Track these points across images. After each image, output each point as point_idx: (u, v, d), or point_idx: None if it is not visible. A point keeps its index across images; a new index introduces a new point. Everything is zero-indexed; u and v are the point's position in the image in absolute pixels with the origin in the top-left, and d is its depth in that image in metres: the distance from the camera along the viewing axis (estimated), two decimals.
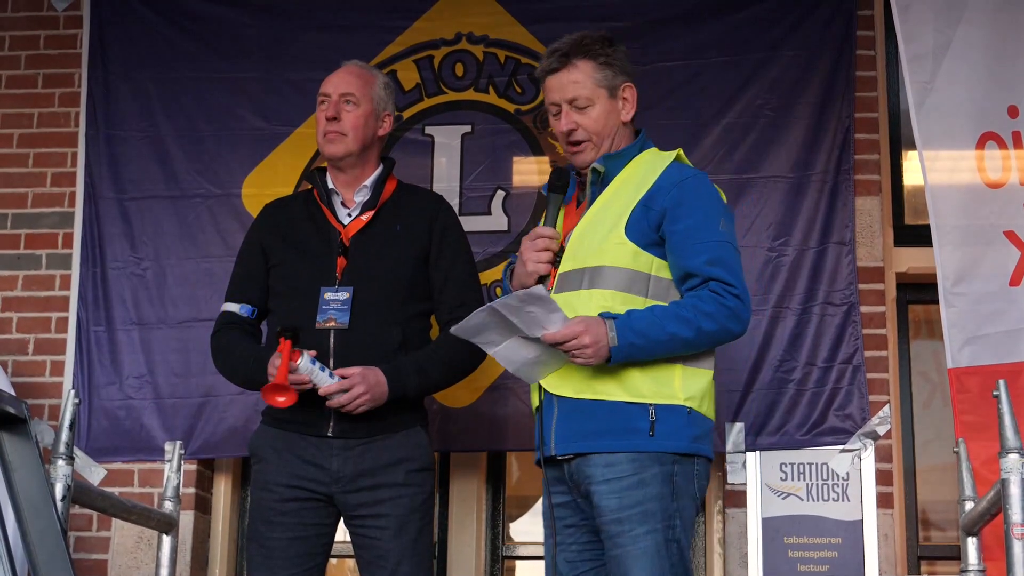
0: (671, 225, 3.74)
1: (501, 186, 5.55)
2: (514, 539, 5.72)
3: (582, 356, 3.64)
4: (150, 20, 5.82)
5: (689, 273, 3.72)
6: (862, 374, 5.20)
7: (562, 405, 3.76)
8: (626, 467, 3.65)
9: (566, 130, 3.88)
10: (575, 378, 3.73)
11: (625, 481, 3.64)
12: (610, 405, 3.70)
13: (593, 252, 3.76)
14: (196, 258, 5.57)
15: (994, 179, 5.03)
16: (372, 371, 4.18)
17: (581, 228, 3.83)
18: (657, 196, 3.78)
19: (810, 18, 5.48)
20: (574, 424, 3.72)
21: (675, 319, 3.65)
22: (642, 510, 3.62)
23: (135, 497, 5.18)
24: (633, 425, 3.68)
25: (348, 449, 4.24)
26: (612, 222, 3.78)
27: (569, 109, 3.88)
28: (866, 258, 5.35)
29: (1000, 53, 5.10)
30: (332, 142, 4.45)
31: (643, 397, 3.70)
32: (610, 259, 3.74)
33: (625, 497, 3.63)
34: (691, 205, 3.77)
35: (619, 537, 3.63)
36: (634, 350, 3.64)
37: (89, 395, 5.46)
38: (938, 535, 5.58)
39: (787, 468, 5.21)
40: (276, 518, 4.25)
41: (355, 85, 4.48)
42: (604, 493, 3.65)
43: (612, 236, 3.75)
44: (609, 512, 3.64)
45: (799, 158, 5.38)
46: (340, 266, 4.35)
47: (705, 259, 3.71)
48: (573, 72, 3.88)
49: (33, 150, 5.83)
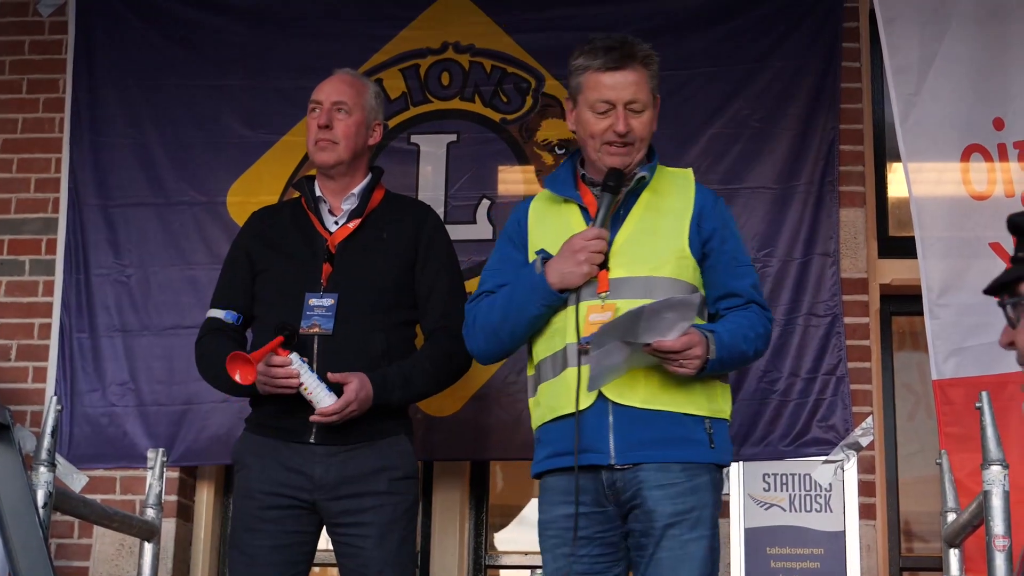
0: (720, 245, 3.84)
1: (486, 195, 5.55)
2: (497, 548, 5.72)
3: (690, 367, 3.64)
4: (136, 26, 5.81)
5: (734, 293, 3.84)
6: (845, 385, 5.20)
7: (620, 414, 3.70)
8: (679, 474, 3.67)
9: (623, 131, 3.82)
10: (639, 387, 3.70)
11: (680, 487, 3.66)
12: (672, 416, 3.70)
13: (651, 262, 3.75)
14: (180, 265, 5.56)
15: (979, 191, 5.04)
16: (364, 386, 4.18)
17: (627, 235, 3.80)
18: (705, 215, 3.85)
19: (796, 30, 5.49)
20: (636, 433, 3.68)
21: (744, 339, 3.76)
22: (695, 516, 3.65)
23: (117, 504, 5.16)
24: (694, 437, 3.71)
25: (331, 456, 4.24)
26: (669, 234, 3.80)
27: (625, 111, 3.83)
28: (850, 269, 5.36)
29: (985, 66, 5.12)
30: (323, 150, 4.44)
31: (701, 410, 3.73)
32: (671, 271, 3.75)
33: (679, 503, 3.65)
34: (731, 229, 3.92)
35: (667, 540, 3.63)
36: (719, 364, 3.71)
37: (71, 402, 5.44)
38: (920, 546, 5.60)
39: (770, 479, 5.21)
40: (258, 525, 4.24)
41: (347, 94, 4.48)
42: (658, 498, 3.65)
43: (673, 248, 3.78)
44: (663, 517, 3.64)
45: (784, 169, 5.39)
46: (325, 272, 4.35)
47: (750, 283, 3.89)
48: (632, 74, 3.84)
49: (17, 155, 5.82)
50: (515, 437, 5.31)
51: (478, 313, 3.97)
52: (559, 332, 3.78)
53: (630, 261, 3.76)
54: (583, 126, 3.90)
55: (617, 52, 3.84)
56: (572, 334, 3.73)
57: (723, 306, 3.83)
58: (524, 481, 6.08)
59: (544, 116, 5.60)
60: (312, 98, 4.51)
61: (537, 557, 5.49)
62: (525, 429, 5.22)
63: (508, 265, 3.98)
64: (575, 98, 3.92)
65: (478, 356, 4.09)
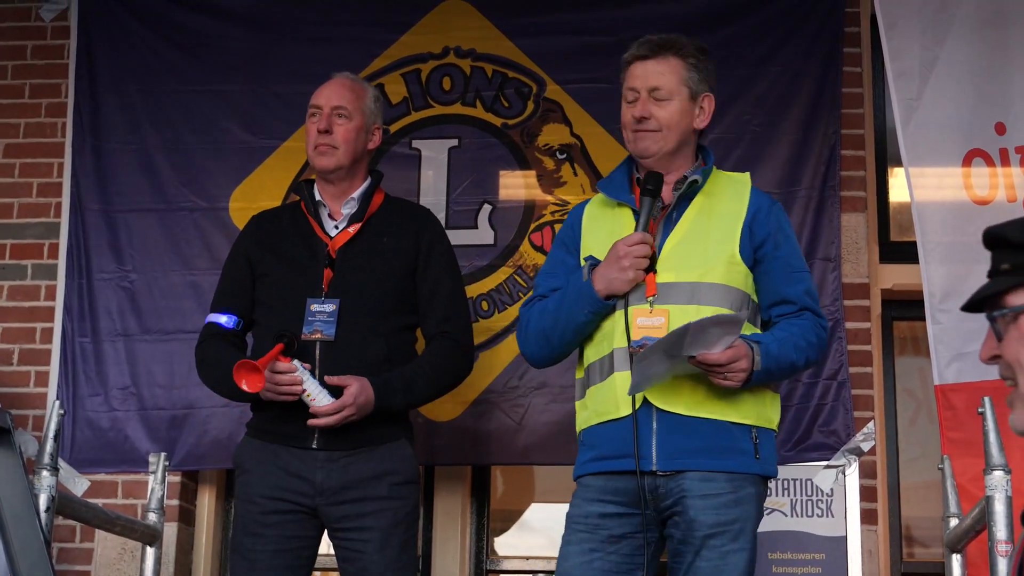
0: (774, 250, 3.80)
1: (488, 200, 5.55)
2: (498, 553, 5.71)
3: (735, 379, 3.62)
4: (138, 32, 5.81)
5: (787, 300, 3.79)
6: (847, 390, 5.20)
7: (665, 420, 3.68)
8: (724, 485, 3.64)
9: (639, 116, 3.84)
10: (686, 394, 3.68)
11: (723, 498, 3.63)
12: (718, 424, 3.67)
13: (701, 268, 3.72)
14: (182, 271, 5.56)
15: (981, 196, 5.04)
16: (364, 390, 4.18)
17: (677, 239, 3.77)
18: (759, 219, 3.81)
19: (797, 35, 5.49)
20: (680, 441, 3.66)
21: (795, 348, 3.72)
22: (737, 528, 3.63)
23: (119, 508, 5.15)
24: (739, 446, 3.68)
25: (332, 461, 4.24)
26: (720, 239, 3.76)
27: (647, 98, 3.84)
28: (851, 274, 5.35)
29: (987, 70, 5.12)
30: (323, 155, 4.44)
31: (748, 419, 3.70)
32: (720, 276, 3.72)
33: (723, 513, 3.62)
34: (786, 234, 3.87)
35: (708, 550, 3.61)
36: (766, 375, 3.67)
37: (73, 406, 5.44)
38: (922, 552, 5.59)
39: (771, 483, 5.18)
40: (260, 530, 4.24)
41: (347, 98, 4.48)
42: (701, 508, 3.62)
43: (723, 254, 3.74)
44: (704, 527, 3.62)
45: (785, 174, 5.39)
46: (326, 278, 4.34)
47: (803, 289, 3.82)
48: (662, 64, 3.86)
49: (19, 160, 5.82)
50: (517, 442, 5.32)
51: (531, 318, 3.94)
52: (607, 337, 3.77)
53: (679, 265, 3.74)
54: (622, 118, 3.94)
55: (652, 43, 3.89)
56: (620, 339, 3.71)
57: (776, 313, 3.79)
58: (525, 486, 6.09)
59: (545, 121, 5.59)
60: (311, 103, 4.50)
61: (538, 561, 5.56)
62: (526, 434, 5.26)
63: (560, 269, 3.96)
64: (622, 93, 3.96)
65: (532, 360, 4.04)
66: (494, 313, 5.42)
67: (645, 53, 3.88)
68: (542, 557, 5.66)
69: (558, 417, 5.22)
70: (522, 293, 5.41)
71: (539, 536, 6.10)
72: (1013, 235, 2.20)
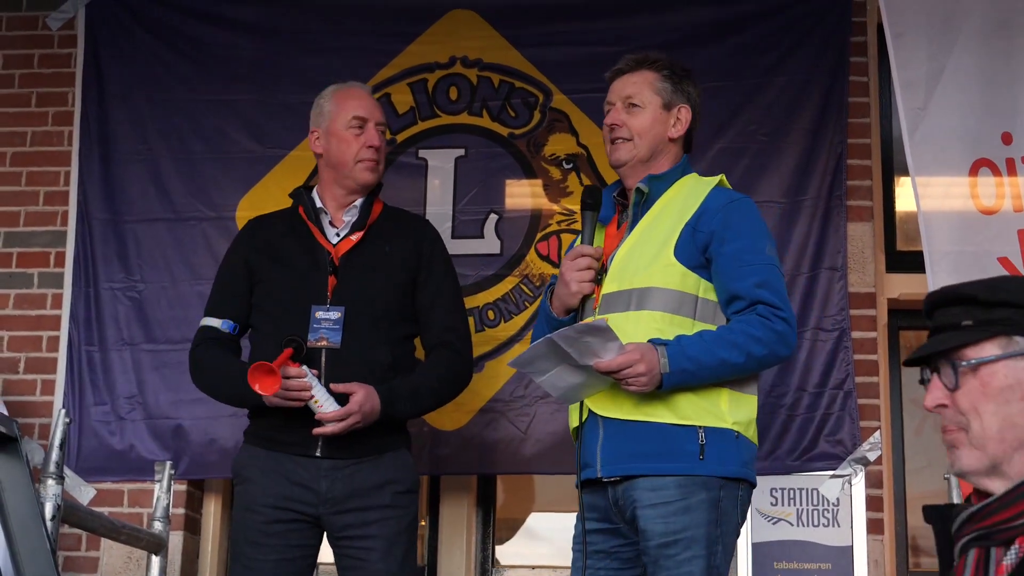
0: (719, 247, 3.75)
1: (494, 209, 5.55)
2: (503, 562, 5.71)
3: (636, 384, 3.60)
4: (145, 41, 5.82)
5: (736, 296, 3.72)
6: (853, 400, 5.20)
7: (608, 427, 3.71)
8: (673, 492, 3.63)
9: (610, 124, 3.95)
10: (624, 400, 3.69)
11: (672, 506, 3.62)
12: (659, 427, 3.67)
13: (640, 273, 3.74)
14: (190, 280, 5.56)
15: (987, 206, 5.04)
16: (370, 398, 4.18)
17: (626, 249, 3.81)
18: (704, 218, 3.79)
19: (804, 44, 5.50)
20: (622, 446, 3.68)
21: (725, 344, 3.65)
22: (688, 536, 3.61)
23: (124, 517, 5.16)
24: (683, 448, 3.65)
25: (337, 470, 4.24)
26: (660, 243, 3.77)
27: (621, 107, 3.95)
28: (858, 284, 5.36)
29: (993, 80, 5.12)
30: (372, 170, 4.45)
31: (692, 420, 3.67)
32: (658, 280, 3.72)
33: (671, 522, 3.61)
34: (738, 228, 3.78)
35: (664, 560, 3.61)
36: (686, 376, 3.62)
37: (80, 415, 5.44)
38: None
39: (777, 493, 5.21)
40: (262, 539, 4.24)
41: (382, 113, 4.54)
42: (650, 517, 3.63)
43: (660, 257, 3.74)
44: (655, 536, 3.62)
45: (791, 183, 5.39)
46: (330, 285, 4.34)
47: (753, 282, 3.72)
48: (636, 76, 3.98)
49: (26, 169, 5.83)
50: (522, 451, 5.32)
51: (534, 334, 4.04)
52: None
53: (621, 275, 3.77)
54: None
55: (629, 60, 4.03)
56: None
57: (732, 311, 3.74)
58: (530, 495, 6.09)
59: (552, 131, 5.60)
60: (353, 112, 4.47)
61: (543, 571, 5.58)
62: (532, 443, 5.27)
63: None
64: None
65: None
66: (500, 322, 5.42)
67: (622, 68, 4.02)
68: (547, 566, 5.66)
69: (563, 427, 5.22)
70: (528, 302, 5.41)
71: (544, 545, 6.10)
72: (983, 295, 2.39)
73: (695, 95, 4.03)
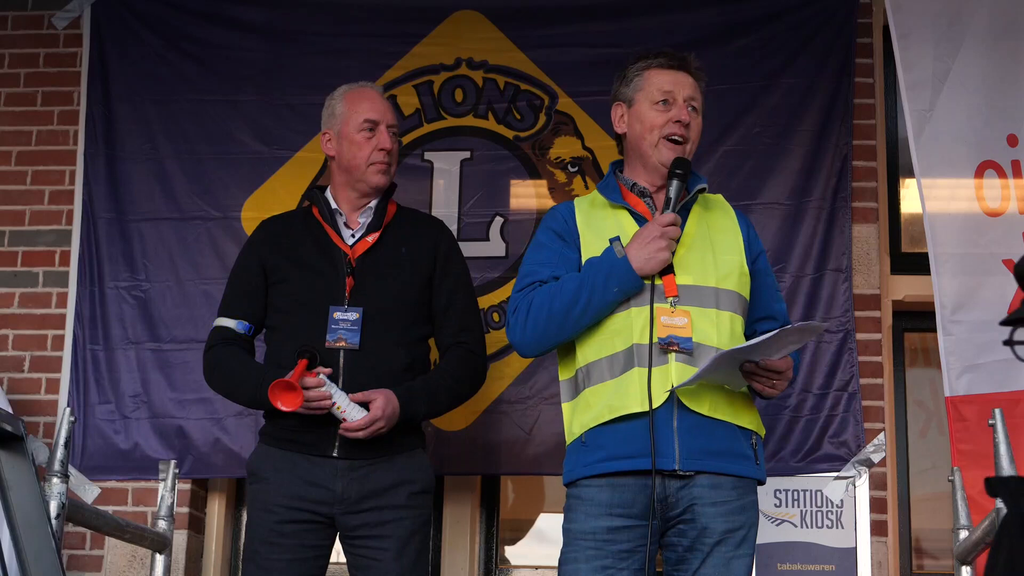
0: (765, 267, 3.98)
1: (500, 212, 5.55)
2: (508, 562, 5.71)
3: (780, 388, 3.78)
4: (150, 41, 5.82)
5: (773, 316, 3.94)
6: (857, 401, 5.20)
7: (686, 420, 3.68)
8: (731, 492, 3.71)
9: (686, 120, 3.88)
10: (709, 397, 3.71)
11: (732, 505, 3.70)
12: (731, 428, 3.74)
13: (717, 274, 3.80)
14: (195, 280, 5.56)
15: (993, 208, 5.04)
16: (390, 401, 4.18)
17: (687, 245, 3.82)
18: (751, 236, 3.97)
19: (809, 46, 5.50)
20: (701, 442, 3.69)
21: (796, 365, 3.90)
22: (742, 534, 3.71)
23: (129, 516, 5.17)
24: (744, 451, 3.75)
25: (353, 471, 4.23)
26: (729, 249, 3.87)
27: (684, 106, 3.90)
28: (863, 286, 5.36)
29: (999, 82, 5.12)
30: (383, 173, 4.45)
31: (750, 425, 3.79)
32: (734, 284, 3.81)
33: (731, 520, 3.69)
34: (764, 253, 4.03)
35: (714, 557, 3.68)
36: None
37: (84, 413, 5.45)
38: (931, 563, 5.58)
39: (781, 495, 5.21)
40: (276, 539, 4.23)
41: (394, 115, 4.54)
42: (712, 515, 3.68)
43: (735, 263, 3.85)
44: (714, 534, 3.68)
45: (797, 185, 5.39)
46: (348, 286, 4.34)
47: (784, 308, 4.03)
48: (693, 79, 3.96)
49: (31, 168, 5.83)
50: (526, 452, 5.32)
51: (532, 302, 3.83)
52: (619, 333, 3.74)
53: (695, 270, 3.78)
54: (641, 121, 3.91)
55: (676, 56, 3.96)
56: (641, 335, 3.70)
57: (761, 328, 3.86)
58: (535, 495, 6.08)
59: (557, 134, 5.60)
60: (364, 115, 4.46)
61: (547, 571, 5.56)
62: (536, 444, 5.26)
63: (561, 261, 3.89)
64: (631, 98, 3.94)
65: (522, 346, 3.90)
66: (505, 325, 5.42)
67: (674, 64, 3.94)
68: (551, 567, 5.64)
69: None
70: None
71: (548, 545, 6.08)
72: None
73: None
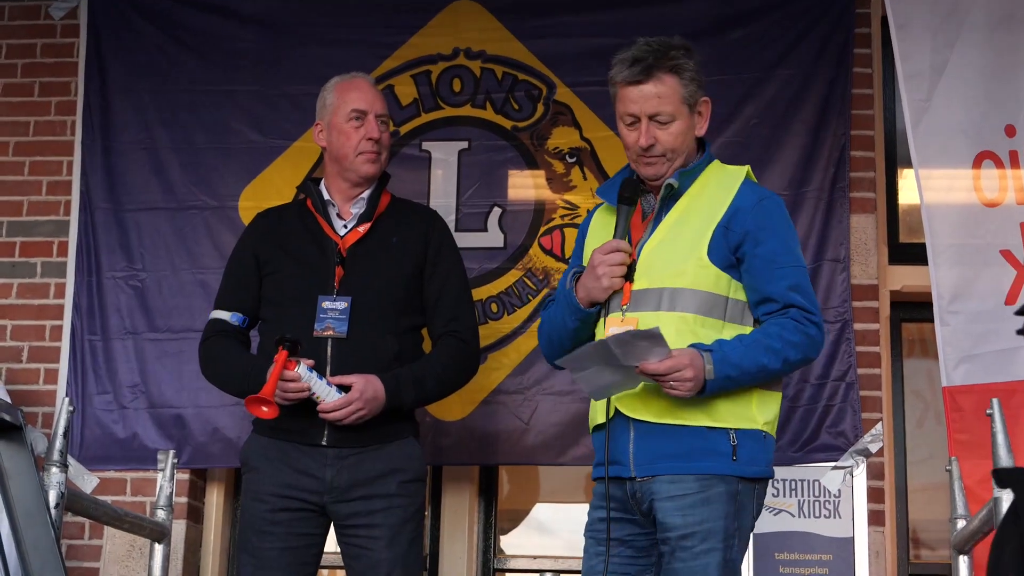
0: (752, 248, 3.71)
1: (497, 203, 5.55)
2: (505, 552, 5.72)
3: (681, 388, 3.58)
4: (147, 31, 5.82)
5: (769, 298, 3.70)
6: (855, 391, 5.20)
7: (639, 428, 3.69)
8: (692, 485, 3.62)
9: (646, 145, 3.77)
10: (654, 402, 3.67)
11: (690, 498, 3.62)
12: (693, 430, 3.65)
13: (672, 272, 3.69)
14: (192, 269, 5.56)
15: (990, 198, 5.05)
16: (371, 384, 4.19)
17: (654, 244, 3.75)
18: (738, 217, 3.73)
19: (807, 36, 5.49)
20: (655, 447, 3.67)
21: (765, 351, 3.64)
22: (706, 528, 3.60)
23: (127, 506, 5.17)
24: (716, 449, 3.65)
25: (342, 459, 4.25)
26: (691, 242, 3.72)
27: (650, 124, 3.77)
28: (860, 276, 5.36)
29: (997, 72, 5.12)
30: (372, 162, 4.47)
31: (725, 422, 3.66)
32: (691, 281, 3.69)
33: (689, 514, 3.61)
34: (772, 229, 3.75)
35: (681, 552, 3.61)
36: (728, 382, 3.62)
37: (82, 403, 5.45)
38: (929, 553, 5.60)
39: (779, 484, 5.21)
40: (268, 528, 4.25)
41: (384, 105, 4.54)
42: (669, 510, 3.63)
43: (693, 258, 3.70)
44: (673, 528, 3.62)
45: (794, 176, 5.38)
46: (337, 276, 4.35)
47: (787, 285, 3.70)
48: (659, 86, 3.77)
49: (29, 158, 5.83)
50: (524, 442, 5.33)
51: (543, 320, 4.00)
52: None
53: (651, 272, 3.72)
54: (622, 138, 3.87)
55: (640, 65, 3.77)
56: None
57: (762, 312, 3.72)
58: (533, 485, 6.10)
59: (555, 124, 5.60)
60: (352, 105, 4.49)
61: (545, 560, 5.59)
62: (534, 434, 5.28)
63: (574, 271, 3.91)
64: (615, 109, 3.87)
65: (547, 359, 4.02)
66: (503, 315, 5.42)
67: (638, 78, 3.77)
68: (549, 556, 5.67)
69: (566, 418, 5.24)
70: (531, 296, 5.42)
71: (546, 535, 6.11)
72: None
73: (702, 74, 3.89)
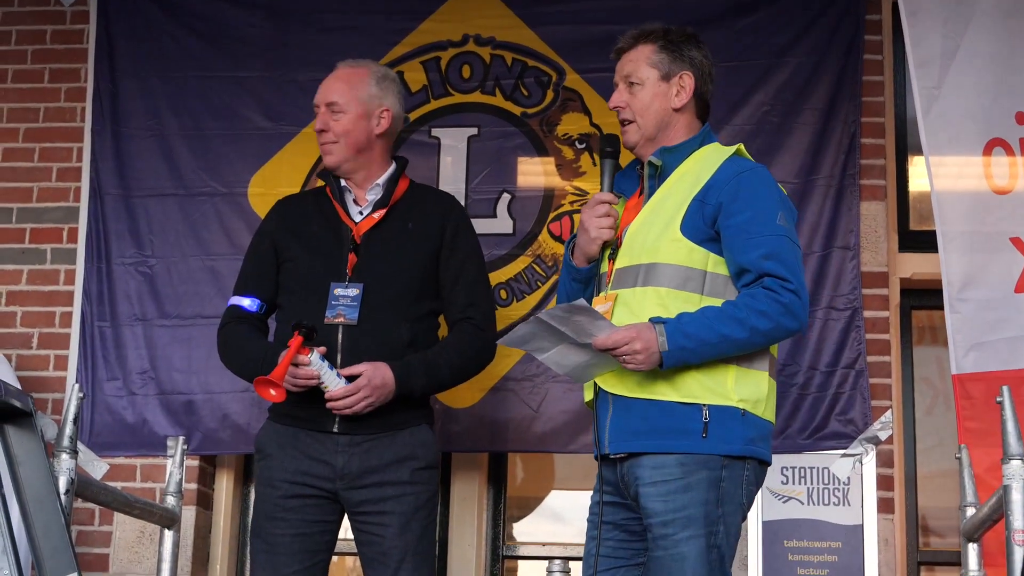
0: (726, 219, 3.67)
1: (507, 189, 5.55)
2: (515, 539, 5.73)
3: (633, 362, 3.58)
4: (157, 18, 5.82)
5: (744, 269, 3.64)
6: (865, 379, 5.20)
7: (616, 403, 3.70)
8: (674, 470, 3.60)
9: (613, 107, 3.92)
10: (629, 377, 3.67)
11: (672, 484, 3.60)
12: (663, 405, 3.64)
13: (648, 249, 3.70)
14: (201, 256, 5.57)
15: (1001, 185, 5.04)
16: (379, 372, 4.19)
17: (637, 223, 3.78)
18: (713, 190, 3.71)
19: (817, 23, 5.48)
20: (627, 423, 3.68)
21: (727, 320, 3.58)
22: (686, 515, 3.58)
23: (137, 492, 5.19)
24: (686, 426, 3.61)
25: (354, 446, 4.25)
26: (667, 218, 3.72)
27: (624, 87, 3.91)
28: (870, 263, 5.35)
29: (1008, 59, 5.11)
30: (328, 154, 4.47)
31: (696, 398, 3.63)
32: (664, 256, 3.67)
33: (671, 501, 3.59)
34: (747, 199, 3.69)
35: (662, 540, 3.59)
36: (686, 354, 3.57)
37: (92, 390, 5.46)
38: (938, 541, 5.59)
39: (788, 472, 5.22)
40: (280, 514, 4.26)
41: (338, 91, 4.47)
42: (651, 496, 3.61)
43: (667, 233, 3.69)
44: (655, 515, 3.61)
45: (805, 163, 5.38)
46: (351, 262, 4.35)
47: (760, 253, 3.63)
48: (633, 53, 3.91)
49: (39, 145, 5.84)
50: (534, 429, 5.33)
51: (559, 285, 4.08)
52: None
53: (631, 250, 3.75)
54: None
55: (628, 36, 3.97)
56: None
57: (741, 284, 3.67)
58: (542, 472, 6.10)
59: (565, 110, 5.59)
60: (314, 100, 4.52)
61: (554, 547, 5.59)
62: (543, 421, 5.28)
63: None
64: None
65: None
66: (512, 302, 5.43)
67: (622, 46, 3.96)
68: (558, 543, 5.67)
69: (575, 405, 5.23)
70: (540, 282, 5.42)
71: (556, 523, 6.11)
72: None
73: (700, 58, 3.92)
